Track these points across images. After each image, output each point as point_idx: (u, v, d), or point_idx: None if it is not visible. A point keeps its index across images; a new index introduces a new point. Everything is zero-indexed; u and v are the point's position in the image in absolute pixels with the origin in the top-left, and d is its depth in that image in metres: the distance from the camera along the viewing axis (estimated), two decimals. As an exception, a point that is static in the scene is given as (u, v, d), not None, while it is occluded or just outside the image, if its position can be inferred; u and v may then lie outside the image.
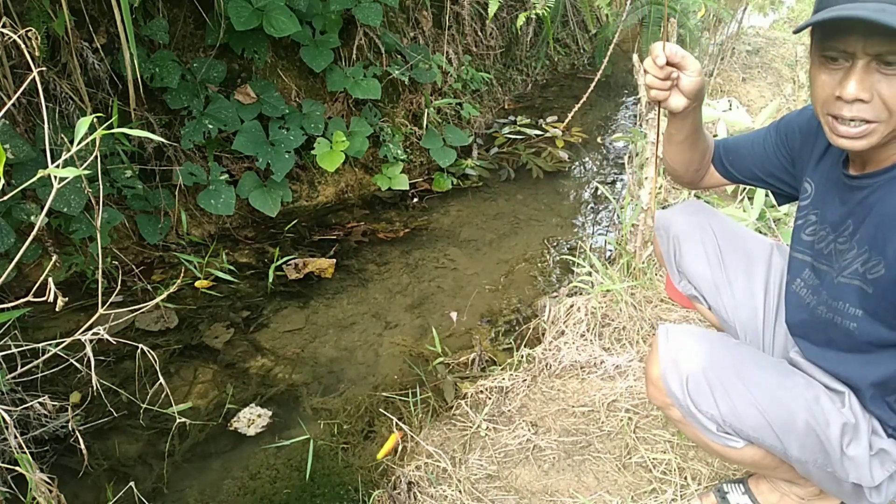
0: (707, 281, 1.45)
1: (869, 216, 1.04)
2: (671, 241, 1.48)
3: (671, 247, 1.49)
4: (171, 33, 2.80)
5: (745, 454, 1.19)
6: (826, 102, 0.99)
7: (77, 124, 1.07)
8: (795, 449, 1.11)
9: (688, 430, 1.22)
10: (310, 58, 2.99)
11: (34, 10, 2.31)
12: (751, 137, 1.36)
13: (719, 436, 1.16)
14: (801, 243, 1.21)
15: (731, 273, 1.43)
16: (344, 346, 2.31)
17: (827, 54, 0.96)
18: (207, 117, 2.80)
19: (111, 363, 2.18)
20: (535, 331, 2.29)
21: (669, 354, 1.16)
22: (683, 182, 1.44)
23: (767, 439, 1.12)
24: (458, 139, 3.53)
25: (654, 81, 1.16)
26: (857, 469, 1.09)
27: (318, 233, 3.00)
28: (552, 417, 1.83)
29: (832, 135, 1.00)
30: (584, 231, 3.04)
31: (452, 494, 1.61)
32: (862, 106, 0.95)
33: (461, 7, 4.01)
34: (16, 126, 2.38)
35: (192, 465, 1.86)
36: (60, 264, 2.52)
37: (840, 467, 1.10)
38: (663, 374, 1.17)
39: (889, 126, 0.96)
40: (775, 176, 1.31)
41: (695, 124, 1.28)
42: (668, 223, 1.49)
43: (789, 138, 1.26)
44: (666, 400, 1.19)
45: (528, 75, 4.83)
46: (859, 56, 0.92)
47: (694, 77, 1.16)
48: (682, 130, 1.28)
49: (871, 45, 0.90)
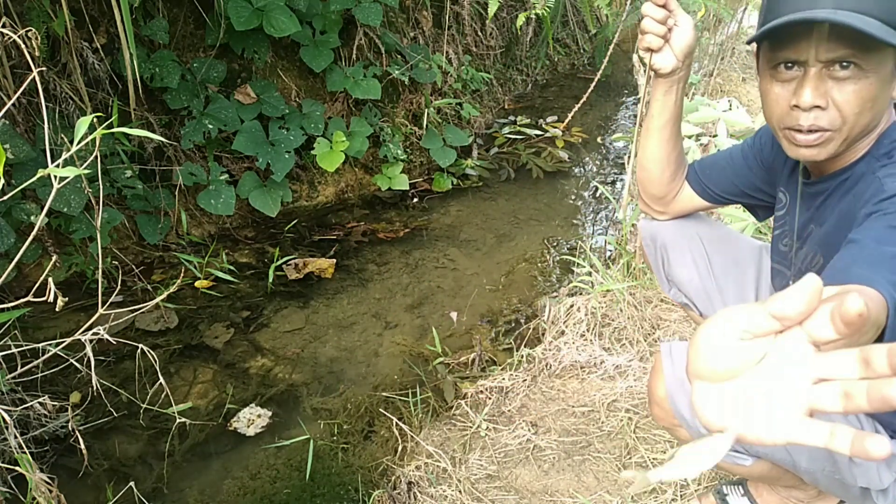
0: (697, 289, 1.43)
1: (826, 220, 1.04)
2: (658, 251, 1.46)
3: (658, 256, 1.46)
4: (171, 33, 2.80)
5: (754, 469, 1.18)
6: (782, 116, 0.98)
7: (77, 124, 1.07)
8: (805, 461, 1.10)
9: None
10: (310, 58, 2.99)
11: (34, 10, 2.31)
12: (727, 152, 1.32)
13: (729, 455, 1.15)
14: (779, 253, 1.21)
15: (720, 280, 1.41)
16: (344, 346, 2.31)
17: (778, 65, 0.95)
18: (207, 117, 2.80)
19: (111, 363, 2.18)
20: (535, 331, 2.29)
21: (675, 374, 1.11)
22: (655, 197, 1.38)
23: (777, 454, 1.11)
24: (458, 139, 3.53)
25: (651, 24, 1.13)
26: (866, 474, 1.08)
27: (318, 233, 3.00)
28: (552, 417, 1.83)
29: (791, 147, 0.99)
30: (584, 231, 3.04)
31: (452, 494, 1.61)
32: (819, 113, 0.94)
33: (461, 7, 4.01)
34: (16, 126, 2.38)
35: (192, 465, 1.86)
36: (60, 264, 2.52)
37: (848, 474, 1.09)
38: (670, 394, 1.12)
39: (844, 134, 0.95)
40: (756, 187, 1.28)
41: (678, 106, 1.24)
42: (654, 232, 1.46)
43: (763, 150, 1.24)
44: (673, 421, 1.15)
45: (528, 75, 4.83)
46: (811, 63, 0.91)
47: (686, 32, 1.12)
48: (665, 111, 1.23)
49: (823, 52, 0.89)
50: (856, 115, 0.93)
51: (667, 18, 1.12)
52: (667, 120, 1.25)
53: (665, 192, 1.36)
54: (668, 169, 1.32)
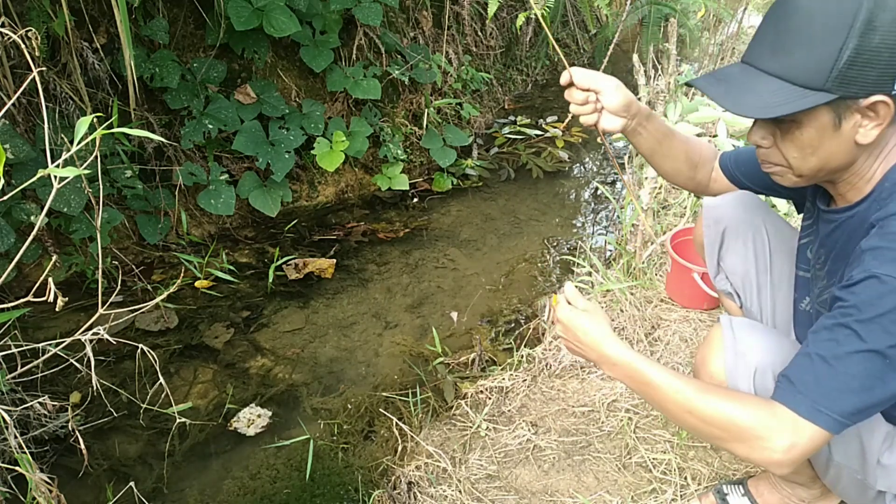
0: (749, 282, 1.42)
1: (834, 251, 1.06)
2: (718, 234, 1.44)
3: (717, 239, 1.44)
4: (171, 33, 2.80)
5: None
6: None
7: (77, 124, 1.07)
8: (839, 453, 1.10)
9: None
10: (310, 58, 2.99)
11: (34, 10, 2.31)
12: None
13: None
14: (805, 260, 1.20)
15: (776, 277, 1.40)
16: (344, 346, 2.31)
17: None
18: (207, 117, 2.80)
19: (111, 363, 2.18)
20: (535, 331, 2.29)
21: (736, 346, 1.11)
22: (689, 189, 1.42)
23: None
24: (458, 139, 3.53)
25: (576, 107, 1.20)
26: (888, 477, 1.08)
27: (318, 233, 3.00)
28: (552, 417, 1.83)
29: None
30: (584, 231, 3.04)
31: (452, 494, 1.61)
32: (764, 151, 1.02)
33: (461, 7, 4.01)
34: (16, 126, 2.38)
35: (192, 465, 1.86)
36: (60, 264, 2.52)
37: (871, 474, 1.09)
38: (729, 366, 1.12)
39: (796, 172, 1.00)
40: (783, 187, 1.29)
41: (655, 135, 1.28)
42: (719, 215, 1.43)
43: None
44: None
45: (528, 75, 4.83)
46: None
47: (613, 96, 1.19)
48: (645, 144, 1.29)
49: None
50: (796, 159, 0.98)
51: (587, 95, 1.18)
52: (653, 148, 1.30)
53: (694, 185, 1.40)
54: (680, 175, 1.37)
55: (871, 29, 0.85)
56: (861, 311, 0.87)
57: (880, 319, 0.86)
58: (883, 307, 0.85)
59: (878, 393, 0.88)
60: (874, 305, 0.86)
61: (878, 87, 0.88)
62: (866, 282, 0.88)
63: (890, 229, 0.90)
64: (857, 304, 0.88)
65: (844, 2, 0.87)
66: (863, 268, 0.89)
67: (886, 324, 0.85)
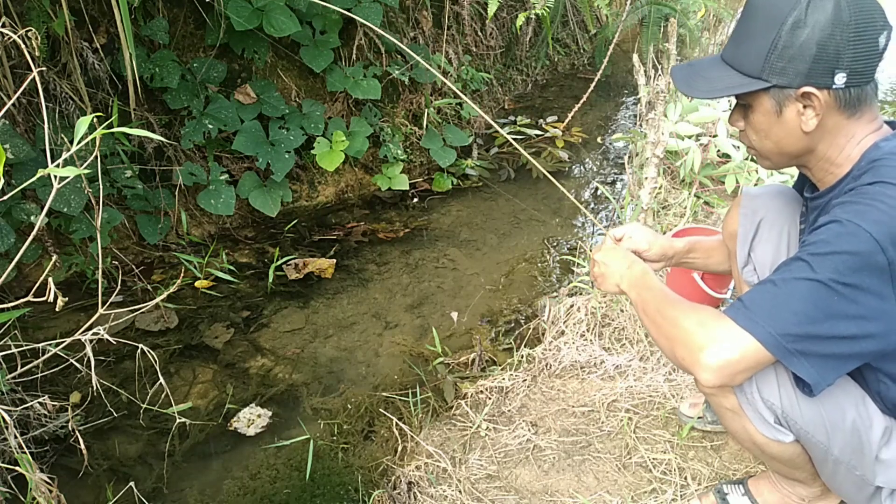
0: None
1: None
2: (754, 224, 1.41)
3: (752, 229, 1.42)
4: (171, 33, 2.80)
5: (787, 450, 1.17)
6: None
7: (77, 124, 1.07)
8: (838, 448, 1.10)
9: (733, 422, 1.18)
10: (310, 58, 2.99)
11: (34, 10, 2.31)
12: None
13: (775, 428, 1.14)
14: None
15: None
16: (344, 346, 2.31)
17: None
18: (207, 117, 2.80)
19: (111, 363, 2.18)
20: (535, 331, 2.29)
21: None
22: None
23: (817, 435, 1.11)
24: (458, 139, 3.53)
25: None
26: (887, 472, 1.09)
27: (318, 233, 3.00)
28: (552, 417, 1.83)
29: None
30: (584, 231, 3.04)
31: (452, 494, 1.61)
32: (741, 134, 1.14)
33: (461, 7, 4.01)
34: (16, 126, 2.38)
35: (192, 465, 1.86)
36: (60, 264, 2.52)
37: (870, 470, 1.10)
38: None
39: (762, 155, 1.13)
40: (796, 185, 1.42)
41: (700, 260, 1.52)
42: (757, 205, 1.41)
43: None
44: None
45: (528, 75, 4.83)
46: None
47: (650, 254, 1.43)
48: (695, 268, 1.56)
49: None
50: (755, 141, 1.11)
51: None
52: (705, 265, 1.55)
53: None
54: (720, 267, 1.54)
55: (801, 26, 0.97)
56: (817, 246, 0.96)
57: (832, 256, 0.94)
58: (838, 246, 0.94)
59: (825, 327, 0.95)
60: (829, 243, 0.95)
61: (811, 80, 0.98)
62: (828, 225, 0.97)
63: (860, 191, 0.99)
64: (816, 242, 0.97)
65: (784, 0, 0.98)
66: (829, 216, 0.98)
67: (837, 262, 0.93)
